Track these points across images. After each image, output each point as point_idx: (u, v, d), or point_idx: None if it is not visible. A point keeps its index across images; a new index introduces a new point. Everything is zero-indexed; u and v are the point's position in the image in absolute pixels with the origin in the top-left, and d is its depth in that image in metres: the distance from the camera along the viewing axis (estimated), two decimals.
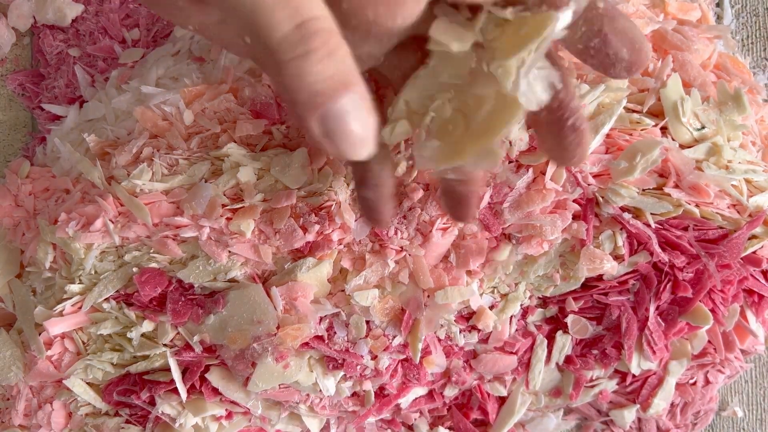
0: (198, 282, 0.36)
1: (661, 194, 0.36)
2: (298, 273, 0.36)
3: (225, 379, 0.37)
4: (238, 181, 0.35)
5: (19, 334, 0.40)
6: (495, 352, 0.39)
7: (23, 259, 0.41)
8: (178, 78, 0.41)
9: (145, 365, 0.38)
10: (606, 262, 0.36)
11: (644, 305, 0.37)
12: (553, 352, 0.39)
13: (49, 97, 0.46)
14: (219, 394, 0.38)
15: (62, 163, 0.41)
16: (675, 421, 0.43)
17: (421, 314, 0.36)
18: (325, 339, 0.37)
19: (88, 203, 0.37)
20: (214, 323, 0.36)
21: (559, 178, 0.36)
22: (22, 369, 0.39)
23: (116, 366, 0.38)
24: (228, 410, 0.39)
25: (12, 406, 0.40)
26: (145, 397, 0.37)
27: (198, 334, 0.37)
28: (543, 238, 0.35)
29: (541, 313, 0.39)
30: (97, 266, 0.37)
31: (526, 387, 0.40)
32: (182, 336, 0.37)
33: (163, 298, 0.37)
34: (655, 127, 0.37)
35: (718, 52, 0.41)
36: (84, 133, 0.39)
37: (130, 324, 0.37)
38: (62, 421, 0.39)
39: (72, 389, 0.38)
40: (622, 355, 0.38)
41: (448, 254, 0.36)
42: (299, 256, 0.36)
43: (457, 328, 0.37)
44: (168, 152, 0.37)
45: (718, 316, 0.37)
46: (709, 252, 0.36)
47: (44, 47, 0.46)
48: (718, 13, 0.46)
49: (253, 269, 0.36)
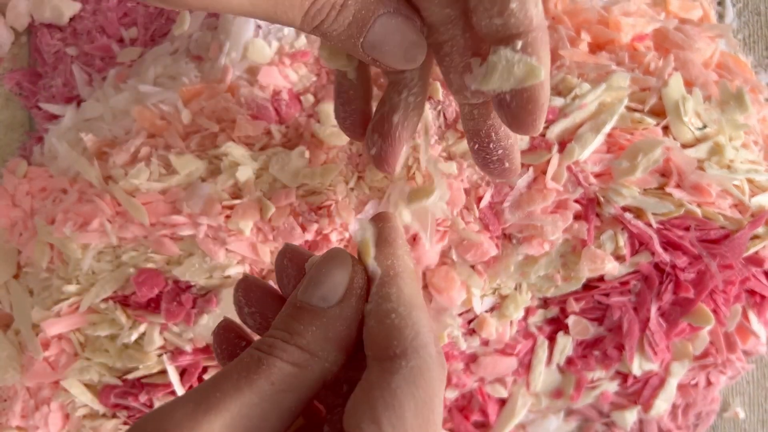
0: (194, 280, 0.36)
1: (662, 194, 0.36)
2: None
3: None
4: (237, 180, 0.35)
5: (16, 335, 0.40)
6: (495, 355, 0.39)
7: (20, 260, 0.40)
8: (176, 77, 0.40)
9: (142, 372, 0.37)
10: (607, 263, 0.35)
11: (646, 306, 0.37)
12: (554, 353, 0.39)
13: (46, 96, 0.46)
14: None
15: (59, 162, 0.41)
16: (676, 422, 0.43)
17: None
18: None
19: (85, 203, 0.37)
20: (208, 323, 0.36)
21: (560, 178, 0.35)
22: (19, 370, 0.39)
23: (111, 369, 0.38)
24: None
25: (9, 408, 0.40)
26: (143, 400, 0.37)
27: (191, 333, 0.36)
28: (544, 239, 0.35)
29: (542, 314, 0.38)
30: (94, 266, 0.37)
31: (527, 388, 0.40)
32: (174, 339, 0.37)
33: (160, 300, 0.36)
34: (657, 127, 0.37)
35: (720, 51, 0.41)
36: (81, 132, 0.39)
37: (128, 326, 0.37)
38: (59, 422, 0.39)
39: (69, 390, 0.38)
40: (624, 356, 0.38)
41: (448, 252, 0.36)
42: None
43: (459, 332, 0.37)
44: (166, 151, 0.36)
45: (719, 316, 0.37)
46: (711, 252, 0.36)
47: (41, 46, 0.46)
48: (720, 11, 0.46)
49: (251, 268, 0.36)
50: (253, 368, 0.22)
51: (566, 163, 0.35)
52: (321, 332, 0.23)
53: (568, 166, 0.35)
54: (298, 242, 0.35)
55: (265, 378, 0.22)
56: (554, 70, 0.38)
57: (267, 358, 0.22)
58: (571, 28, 0.39)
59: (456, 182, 0.36)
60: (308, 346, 0.22)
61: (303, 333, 0.23)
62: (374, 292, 0.23)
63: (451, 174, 0.36)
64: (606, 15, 0.40)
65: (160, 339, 0.36)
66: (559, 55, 0.38)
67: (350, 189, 0.36)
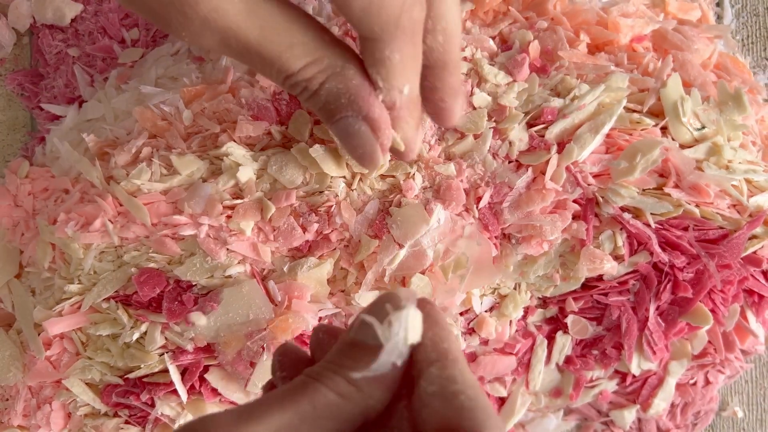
0: (195, 279, 0.36)
1: (661, 194, 0.36)
2: (299, 272, 0.36)
3: (225, 380, 0.37)
4: (237, 180, 0.35)
5: (18, 335, 0.40)
6: (494, 354, 0.39)
7: (22, 260, 0.41)
8: (177, 78, 0.41)
9: (143, 371, 0.37)
10: (606, 263, 0.36)
11: (644, 305, 0.37)
12: (553, 352, 0.39)
13: (48, 96, 0.46)
14: (219, 395, 0.37)
15: (61, 163, 0.41)
16: (675, 421, 0.43)
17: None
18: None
19: (87, 203, 0.37)
20: (209, 323, 0.36)
21: (559, 178, 0.36)
22: (21, 369, 0.39)
23: (113, 368, 0.38)
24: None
25: (11, 407, 0.40)
26: (145, 399, 0.37)
27: (192, 332, 0.37)
28: (543, 238, 0.35)
29: (541, 313, 0.39)
30: (96, 266, 0.37)
31: (526, 387, 0.40)
32: (176, 339, 0.37)
33: (162, 299, 0.37)
34: (656, 127, 0.37)
35: (719, 52, 0.41)
36: (83, 133, 0.39)
37: (130, 326, 0.37)
38: (61, 421, 0.39)
39: (71, 389, 0.38)
40: (622, 356, 0.38)
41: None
42: (298, 256, 0.36)
43: (459, 332, 0.37)
44: (167, 152, 0.37)
45: (718, 316, 0.37)
46: (709, 252, 0.36)
47: (43, 47, 0.46)
48: (719, 12, 0.46)
49: (252, 268, 0.36)
50: (299, 391, 0.23)
51: (565, 163, 0.35)
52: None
53: (567, 166, 0.36)
54: (298, 242, 0.36)
55: (309, 401, 0.22)
56: (553, 71, 0.38)
57: (314, 383, 0.23)
58: (570, 29, 0.39)
59: (455, 182, 0.36)
60: (355, 380, 0.23)
61: (352, 367, 0.23)
62: (435, 374, 0.23)
63: (450, 175, 0.36)
64: (605, 16, 0.40)
65: (162, 338, 0.36)
66: (558, 56, 0.38)
67: (351, 189, 0.36)
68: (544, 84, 0.38)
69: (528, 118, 0.37)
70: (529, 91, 0.37)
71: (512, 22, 0.40)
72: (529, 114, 0.37)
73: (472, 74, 0.38)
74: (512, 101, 0.37)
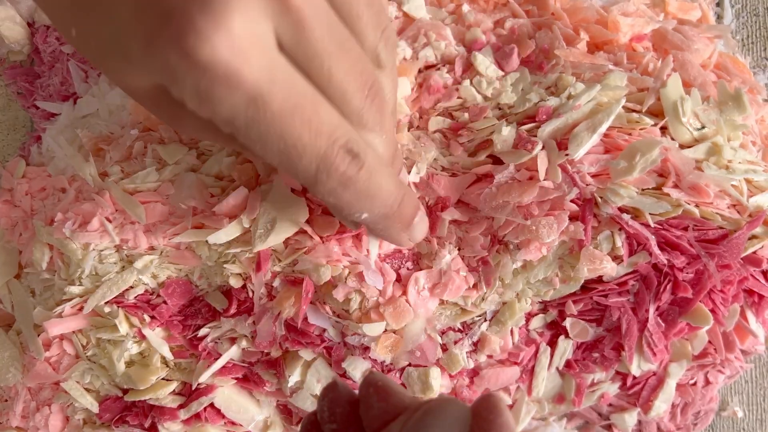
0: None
1: (660, 194, 0.36)
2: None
3: (230, 400, 0.38)
4: (221, 166, 0.36)
5: (18, 335, 0.40)
6: (497, 366, 0.38)
7: (21, 260, 0.40)
8: None
9: (146, 395, 0.37)
10: (606, 263, 0.35)
11: (644, 306, 0.37)
12: (554, 357, 0.39)
13: (44, 95, 0.46)
14: (223, 417, 0.38)
15: (57, 161, 0.41)
16: (675, 421, 0.43)
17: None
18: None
19: (83, 201, 0.37)
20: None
21: (555, 177, 0.35)
22: (20, 370, 0.39)
23: (111, 379, 0.38)
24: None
25: (10, 408, 0.40)
26: (147, 425, 0.37)
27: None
28: (540, 242, 0.35)
29: (542, 318, 0.38)
30: (98, 268, 0.37)
31: (529, 394, 0.40)
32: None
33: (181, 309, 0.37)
34: (655, 127, 0.36)
35: (719, 52, 0.41)
36: (78, 129, 0.39)
37: (131, 336, 0.37)
38: (59, 424, 0.39)
39: (69, 392, 0.38)
40: (623, 357, 0.38)
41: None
42: None
43: (463, 352, 0.37)
44: (160, 145, 0.37)
45: (718, 316, 0.37)
46: (709, 252, 0.36)
47: (40, 46, 0.46)
48: (719, 12, 0.46)
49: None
50: None
51: (558, 161, 0.35)
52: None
53: (564, 165, 0.35)
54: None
55: None
56: (549, 71, 0.38)
57: None
58: (570, 26, 0.39)
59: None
60: None
61: None
62: None
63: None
64: (605, 15, 0.40)
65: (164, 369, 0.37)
66: (554, 54, 0.38)
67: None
68: (540, 82, 0.38)
69: (519, 116, 0.37)
70: (521, 81, 0.37)
71: (509, 15, 0.40)
72: (520, 113, 0.37)
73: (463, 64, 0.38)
74: (510, 97, 0.37)
